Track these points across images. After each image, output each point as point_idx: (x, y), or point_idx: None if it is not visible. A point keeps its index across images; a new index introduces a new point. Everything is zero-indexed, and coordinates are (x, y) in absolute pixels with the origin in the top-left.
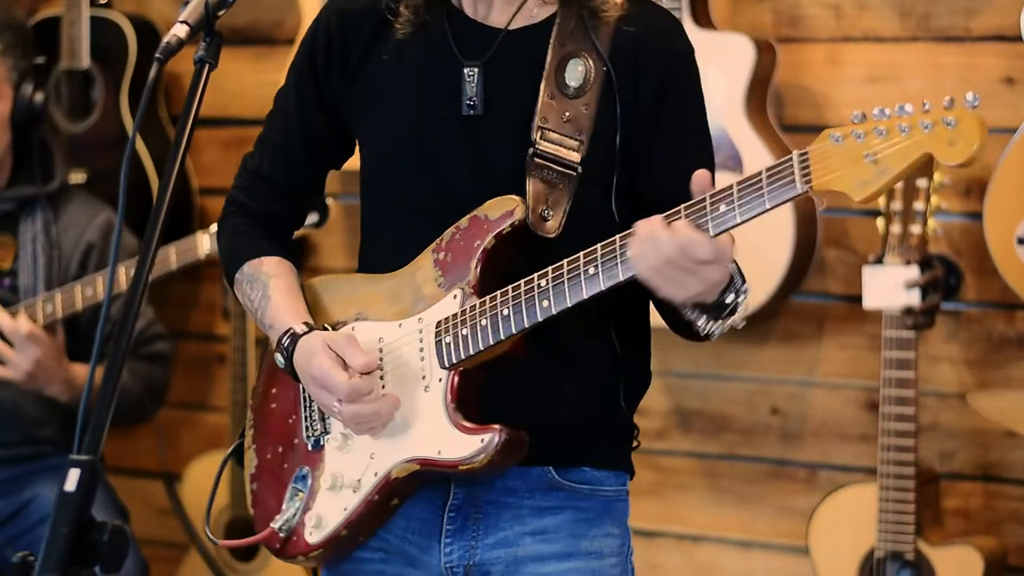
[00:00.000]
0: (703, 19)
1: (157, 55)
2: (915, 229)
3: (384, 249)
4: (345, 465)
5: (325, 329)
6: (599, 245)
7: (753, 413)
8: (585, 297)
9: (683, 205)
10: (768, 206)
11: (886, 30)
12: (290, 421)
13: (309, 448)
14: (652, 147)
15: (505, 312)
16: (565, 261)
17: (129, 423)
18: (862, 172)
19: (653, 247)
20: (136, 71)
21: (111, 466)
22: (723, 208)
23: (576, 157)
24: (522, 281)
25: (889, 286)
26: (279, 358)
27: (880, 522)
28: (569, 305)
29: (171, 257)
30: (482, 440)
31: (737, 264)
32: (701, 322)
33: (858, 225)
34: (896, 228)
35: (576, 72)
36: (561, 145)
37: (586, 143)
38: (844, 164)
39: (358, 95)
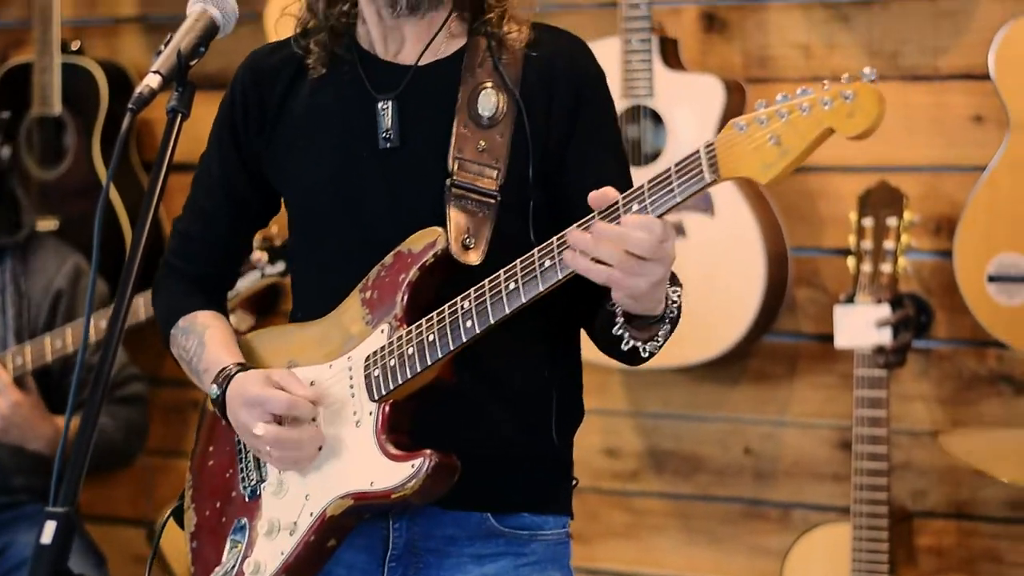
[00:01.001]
0: (673, 60)
1: (130, 106)
2: (886, 268)
3: (314, 294)
4: (281, 509)
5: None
6: (517, 261)
7: (726, 453)
8: (507, 312)
9: (597, 211)
10: (679, 199)
11: (855, 69)
12: (227, 475)
13: (246, 499)
14: (568, 168)
15: (431, 338)
16: (487, 281)
17: (114, 467)
18: (766, 155)
19: (596, 238)
20: (108, 117)
21: (88, 513)
22: (636, 207)
23: (494, 185)
24: (446, 306)
25: (860, 325)
26: (213, 389)
27: (854, 561)
28: (492, 322)
29: (139, 309)
30: (412, 465)
31: (674, 276)
32: (627, 335)
33: (829, 264)
34: (867, 267)
35: (488, 102)
36: (478, 175)
37: (503, 171)
38: (749, 150)
39: (277, 145)
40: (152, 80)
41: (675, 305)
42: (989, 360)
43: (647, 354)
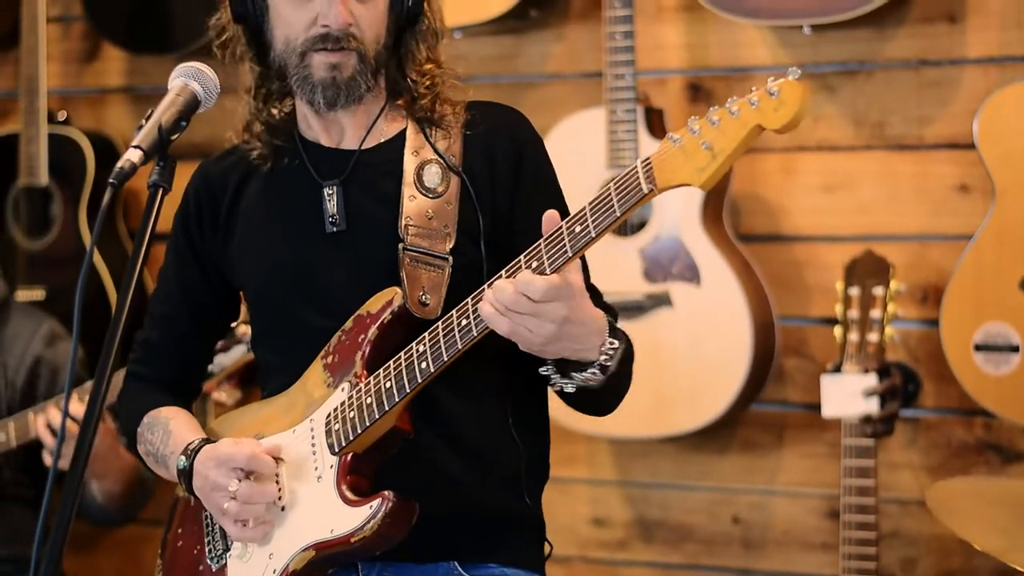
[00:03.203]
0: (657, 130)
1: (111, 180)
2: (872, 337)
3: (281, 377)
4: (246, 573)
5: None
6: (468, 299)
7: (715, 523)
8: (460, 347)
9: (532, 246)
10: (619, 214)
11: (840, 139)
12: (195, 552)
13: (213, 570)
14: (515, 227)
15: (388, 384)
16: (440, 322)
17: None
18: (699, 160)
19: (495, 297)
20: (94, 188)
21: None
22: (578, 229)
23: (445, 248)
24: (402, 352)
25: (848, 394)
26: (181, 460)
27: None
28: (446, 359)
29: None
30: (370, 507)
31: (609, 316)
32: (556, 377)
33: (816, 333)
34: (854, 336)
35: (433, 175)
36: (430, 239)
37: (454, 235)
38: (682, 159)
39: (232, 244)
40: (133, 155)
41: (607, 357)
42: (976, 429)
43: (569, 388)
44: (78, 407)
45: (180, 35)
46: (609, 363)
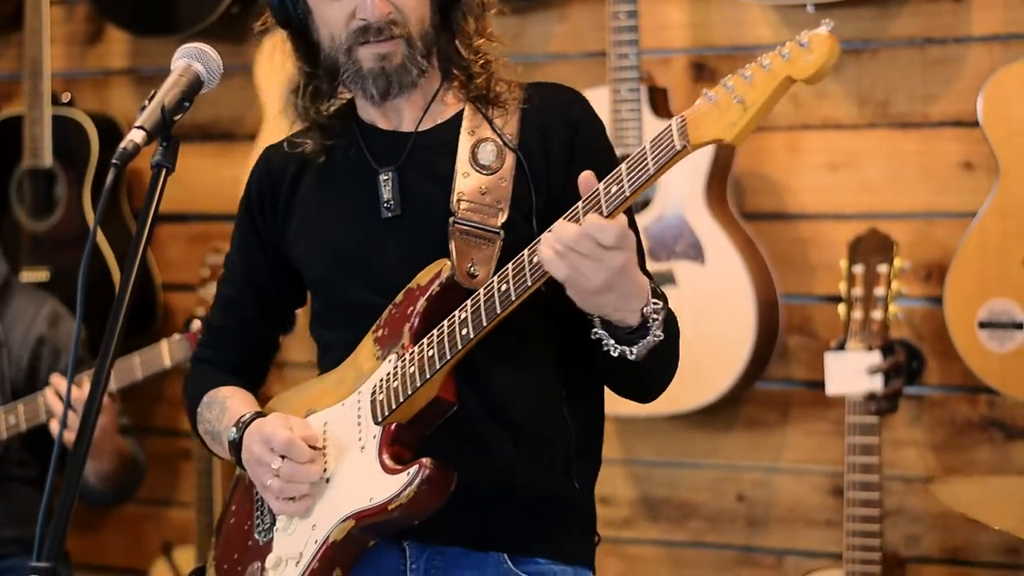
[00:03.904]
0: (662, 110)
1: (114, 160)
2: (876, 315)
3: (337, 355)
4: (290, 544)
5: None
6: (509, 264)
7: (719, 500)
8: (499, 313)
9: (571, 207)
10: (652, 171)
11: (845, 117)
12: (246, 527)
13: (261, 544)
14: (570, 204)
15: (430, 353)
16: (481, 289)
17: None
18: (731, 115)
19: (557, 235)
20: (98, 169)
21: (78, 563)
22: (614, 189)
23: (497, 223)
24: (445, 321)
25: (852, 372)
26: (232, 432)
27: None
28: (486, 325)
29: (136, 368)
30: (407, 474)
31: (653, 283)
32: (612, 343)
33: (820, 311)
34: (857, 314)
35: (488, 152)
36: (481, 214)
37: (507, 211)
38: (716, 114)
39: (291, 230)
40: (136, 135)
41: (654, 317)
42: (980, 406)
43: (634, 356)
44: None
45: (184, 17)
46: (657, 318)
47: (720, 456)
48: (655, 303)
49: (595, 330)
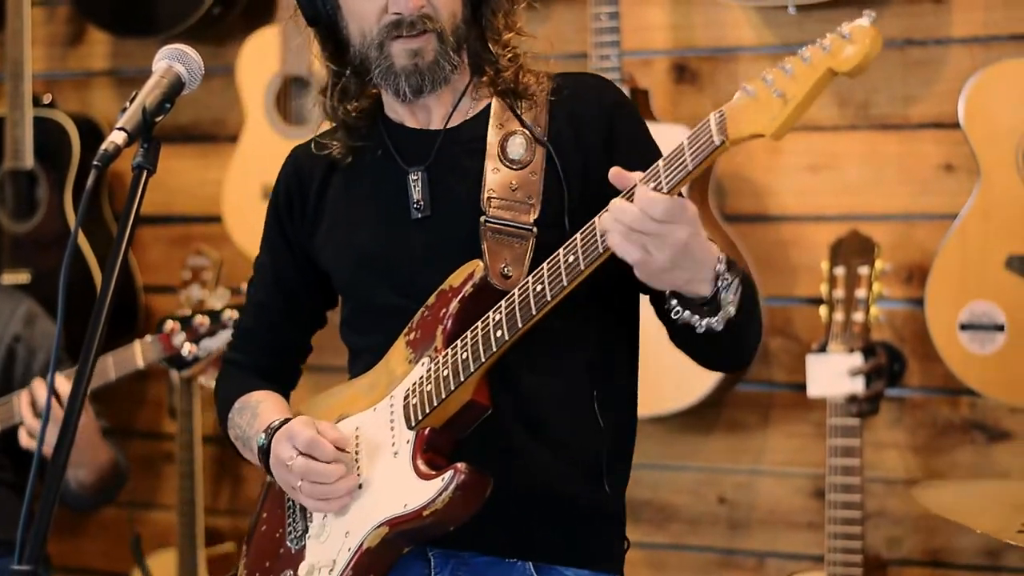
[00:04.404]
0: (643, 110)
1: (95, 162)
2: (858, 317)
3: (368, 359)
4: (323, 552)
5: None
6: (544, 264)
7: (700, 502)
8: (535, 314)
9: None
10: (691, 167)
11: (826, 119)
12: (277, 535)
13: (293, 551)
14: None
15: (464, 356)
16: (516, 289)
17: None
18: (772, 109)
19: (616, 218)
20: (80, 170)
21: (59, 565)
22: (652, 185)
23: (529, 219)
24: (479, 322)
25: (833, 374)
26: (261, 437)
27: None
28: (521, 326)
29: (109, 369)
30: (442, 479)
31: (727, 259)
32: (686, 315)
33: (801, 313)
34: (839, 316)
35: (517, 146)
36: (513, 211)
37: (538, 206)
38: (755, 108)
39: (320, 232)
40: (117, 137)
41: (726, 282)
42: (962, 408)
43: (719, 325)
44: (64, 384)
45: (164, 18)
46: (727, 279)
47: (701, 458)
48: (725, 278)
49: (675, 311)
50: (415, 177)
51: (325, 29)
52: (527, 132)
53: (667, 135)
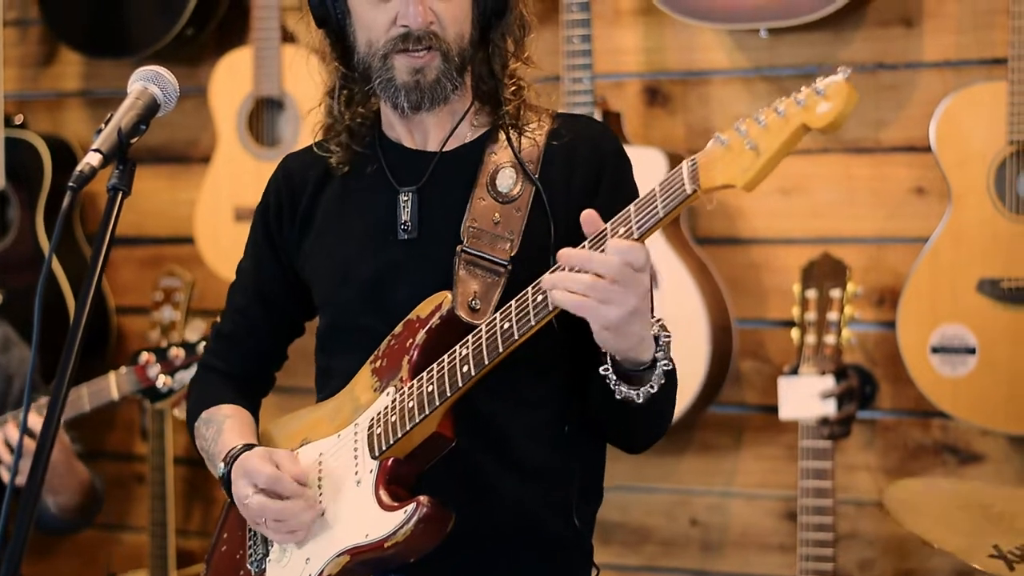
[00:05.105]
0: (616, 133)
1: (71, 183)
2: (829, 339)
3: (337, 382)
4: None
5: None
6: (512, 301)
7: (673, 525)
8: (501, 351)
9: (587, 239)
10: (661, 215)
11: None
12: (237, 557)
13: (253, 574)
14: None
15: (430, 388)
16: (483, 325)
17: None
18: (743, 160)
19: (582, 263)
20: (52, 191)
21: None
22: (622, 231)
23: (505, 256)
24: (446, 355)
25: (805, 396)
26: (220, 467)
27: None
28: (487, 363)
29: (83, 399)
30: (404, 512)
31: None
32: (624, 388)
33: (773, 336)
34: (811, 339)
35: (507, 179)
36: (491, 245)
37: (516, 243)
38: (728, 159)
39: (307, 242)
40: (93, 158)
41: (665, 345)
42: (933, 430)
43: (641, 400)
44: (36, 421)
45: (137, 39)
46: (664, 359)
47: (673, 480)
48: (665, 334)
49: (605, 368)
50: (405, 198)
51: (333, 32)
52: (518, 170)
53: (639, 158)
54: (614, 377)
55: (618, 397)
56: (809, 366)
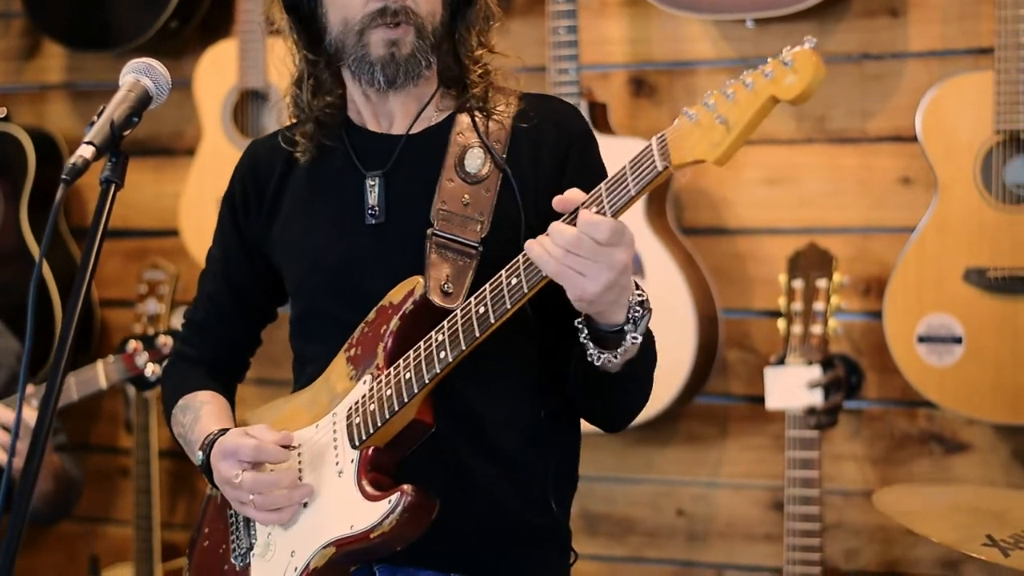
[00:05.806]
0: (601, 124)
1: (64, 176)
2: (816, 329)
3: (312, 369)
4: (268, 571)
5: None
6: (487, 285)
7: (659, 515)
8: (478, 335)
9: (561, 218)
10: (633, 193)
11: (783, 132)
12: (220, 551)
13: (237, 569)
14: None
15: (407, 376)
16: (458, 310)
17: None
18: (713, 135)
19: (553, 240)
20: (35, 183)
21: None
22: (595, 209)
23: (476, 237)
24: (422, 342)
25: (791, 386)
26: (198, 455)
27: None
28: (464, 348)
29: (71, 389)
30: (389, 502)
31: (637, 286)
32: (603, 355)
33: (759, 326)
34: (797, 328)
35: (475, 160)
36: (461, 227)
37: (487, 224)
38: (698, 134)
39: (276, 228)
40: (86, 151)
41: (637, 314)
42: (919, 420)
43: (619, 359)
44: (27, 413)
45: (121, 32)
46: (640, 318)
47: (659, 471)
48: (639, 294)
49: (580, 330)
50: (372, 182)
51: (301, 17)
52: (485, 150)
53: (625, 148)
54: (586, 331)
55: (596, 364)
56: (795, 356)
